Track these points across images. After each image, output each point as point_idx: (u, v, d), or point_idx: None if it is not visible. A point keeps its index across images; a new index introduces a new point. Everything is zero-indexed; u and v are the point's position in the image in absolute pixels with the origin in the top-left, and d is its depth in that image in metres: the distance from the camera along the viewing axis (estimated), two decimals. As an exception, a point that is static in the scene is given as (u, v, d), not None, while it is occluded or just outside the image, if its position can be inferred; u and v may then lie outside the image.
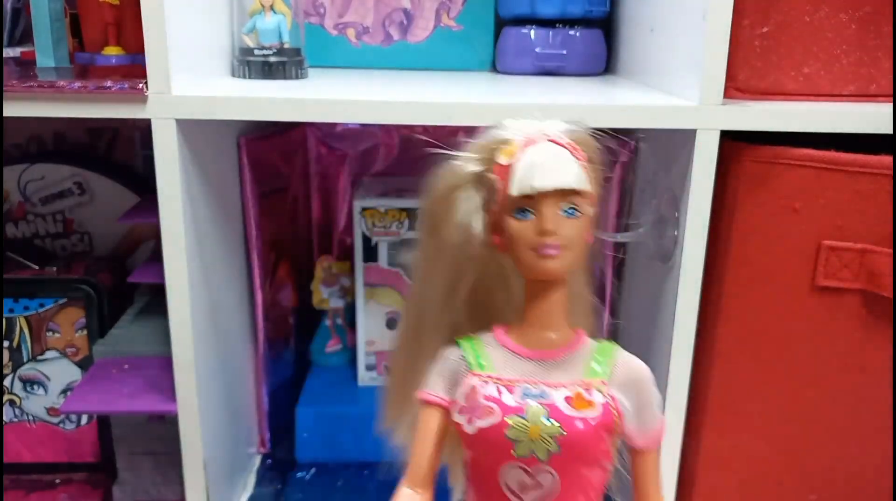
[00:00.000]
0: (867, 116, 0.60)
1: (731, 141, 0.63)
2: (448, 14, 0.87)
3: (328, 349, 0.97)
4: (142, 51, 0.58)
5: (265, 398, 0.89)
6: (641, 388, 0.46)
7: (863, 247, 0.61)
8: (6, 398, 0.86)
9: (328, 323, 0.98)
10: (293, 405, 0.89)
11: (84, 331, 0.84)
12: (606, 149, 0.46)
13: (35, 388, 0.86)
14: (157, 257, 0.64)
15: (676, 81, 0.64)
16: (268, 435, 0.90)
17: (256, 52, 0.70)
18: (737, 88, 0.64)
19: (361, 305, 0.90)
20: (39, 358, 0.86)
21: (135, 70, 0.63)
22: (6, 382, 0.86)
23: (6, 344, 0.85)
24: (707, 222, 0.61)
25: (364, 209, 0.88)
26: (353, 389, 0.93)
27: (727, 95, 0.59)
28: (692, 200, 0.61)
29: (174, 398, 0.66)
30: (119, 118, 0.59)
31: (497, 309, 0.50)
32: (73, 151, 0.98)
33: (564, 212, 0.43)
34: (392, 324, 0.91)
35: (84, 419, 0.87)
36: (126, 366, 0.76)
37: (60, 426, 0.87)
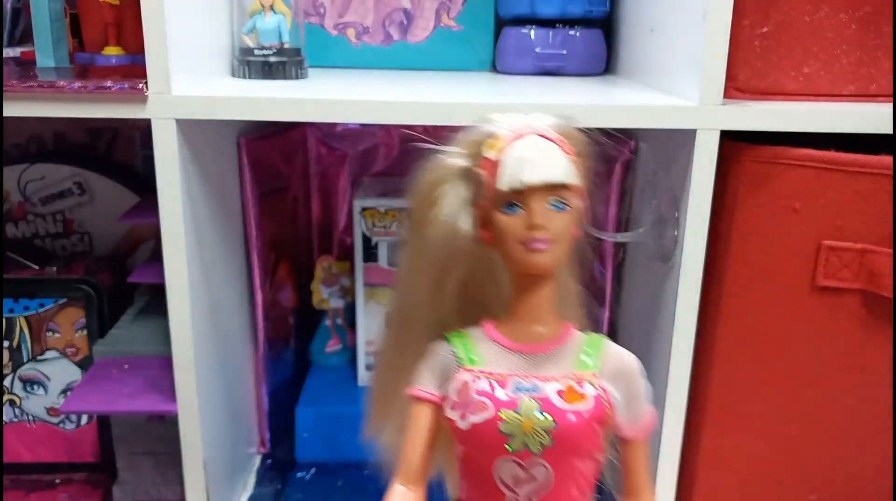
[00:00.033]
0: (867, 116, 0.60)
1: (731, 141, 0.63)
2: (448, 14, 0.87)
3: (328, 349, 0.97)
4: (142, 51, 0.58)
5: (265, 398, 0.89)
6: (631, 379, 0.46)
7: (863, 247, 0.61)
8: (6, 398, 0.86)
9: (328, 323, 0.98)
10: (293, 405, 0.89)
11: (84, 331, 0.84)
12: (597, 145, 0.46)
13: (35, 388, 0.86)
14: (157, 257, 0.64)
15: (676, 81, 0.64)
16: (268, 435, 0.90)
17: (256, 52, 0.70)
18: (737, 88, 0.64)
19: (361, 305, 0.90)
20: (39, 358, 0.86)
21: (135, 70, 0.63)
22: (6, 382, 0.86)
23: (6, 344, 0.85)
24: (707, 222, 0.61)
25: (364, 209, 0.88)
26: (353, 389, 0.93)
27: (727, 95, 0.59)
28: (692, 200, 0.61)
29: (174, 398, 0.66)
30: (119, 118, 0.59)
31: (485, 304, 0.49)
32: (73, 151, 0.98)
33: (553, 206, 0.43)
34: (392, 324, 0.91)
35: (84, 419, 0.87)
36: (126, 366, 0.76)
37: (60, 426, 0.87)
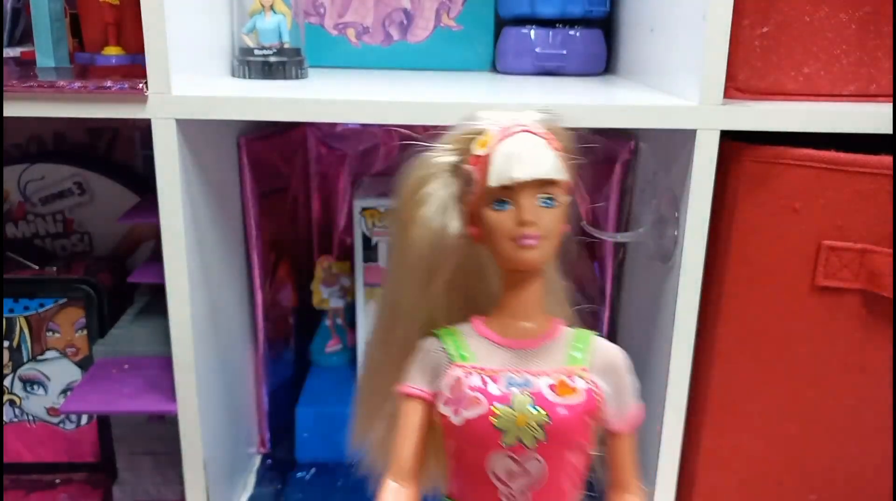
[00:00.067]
0: (867, 116, 0.60)
1: (731, 141, 0.63)
2: (448, 14, 0.87)
3: (328, 349, 0.97)
4: (142, 51, 0.58)
5: (265, 398, 0.89)
6: (619, 374, 0.47)
7: (863, 247, 0.61)
8: (6, 398, 0.86)
9: (328, 323, 0.98)
10: (293, 405, 0.89)
11: (84, 331, 0.84)
12: (589, 143, 0.47)
13: (35, 388, 0.86)
14: (157, 257, 0.64)
15: (676, 81, 0.64)
16: (268, 435, 0.90)
17: (256, 52, 0.70)
18: (737, 88, 0.64)
19: (361, 305, 0.90)
20: (39, 358, 0.86)
21: (135, 70, 0.63)
22: (6, 382, 0.86)
23: (6, 344, 0.85)
24: (707, 222, 0.61)
25: (364, 209, 0.88)
26: (354, 389, 0.92)
27: (727, 95, 0.59)
28: (692, 200, 0.61)
29: (174, 398, 0.66)
30: (119, 118, 0.59)
31: (473, 301, 0.49)
32: (73, 151, 0.98)
33: (542, 202, 0.43)
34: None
35: (84, 419, 0.87)
36: (126, 366, 0.76)
37: (60, 426, 0.87)
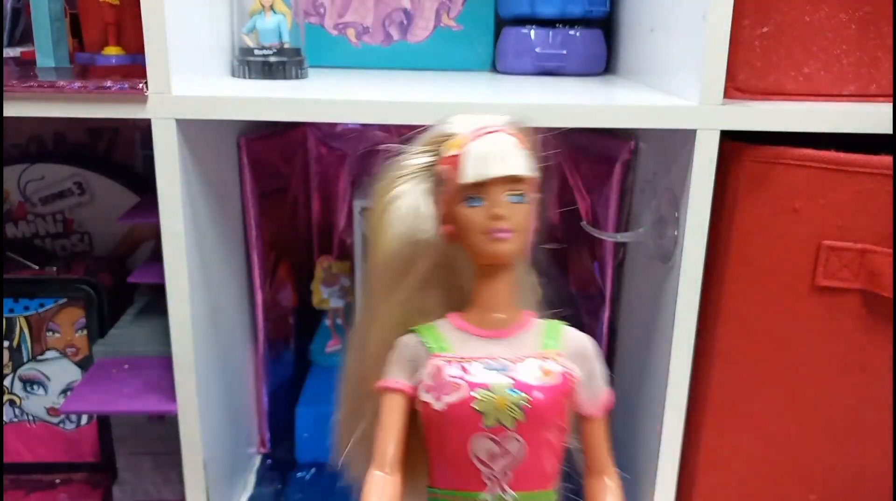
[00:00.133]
0: (867, 116, 0.60)
1: (731, 141, 0.63)
2: (448, 14, 0.87)
3: (328, 349, 0.97)
4: (142, 51, 0.57)
5: (265, 398, 0.89)
6: (589, 359, 0.49)
7: (863, 247, 0.61)
8: (6, 398, 0.86)
9: (328, 323, 0.98)
10: (293, 405, 0.89)
11: (84, 331, 0.84)
12: (546, 141, 0.49)
13: (35, 388, 0.86)
14: (157, 257, 0.64)
15: (676, 81, 0.64)
16: (268, 435, 0.90)
17: (256, 52, 0.70)
18: (737, 88, 0.64)
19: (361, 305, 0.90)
20: (39, 358, 0.86)
21: (135, 70, 0.63)
22: (6, 382, 0.86)
23: (6, 344, 0.85)
24: (707, 222, 0.61)
25: (364, 209, 0.87)
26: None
27: (727, 95, 0.59)
28: (692, 200, 0.61)
29: (174, 398, 0.66)
30: (119, 118, 0.59)
31: (448, 300, 0.51)
32: (73, 151, 0.98)
33: (512, 198, 0.45)
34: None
35: (84, 419, 0.87)
36: (126, 366, 0.76)
37: (60, 426, 0.87)
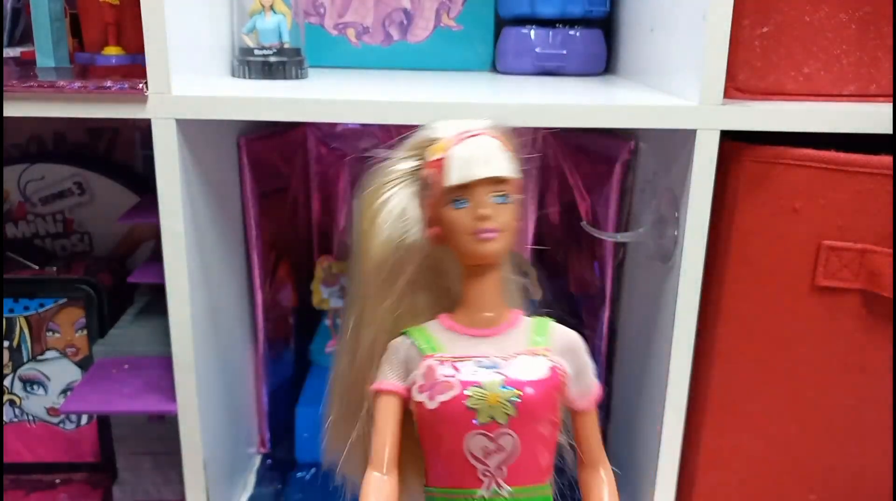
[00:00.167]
0: (867, 116, 0.60)
1: (731, 141, 0.63)
2: (448, 14, 0.87)
3: (328, 349, 0.97)
4: (142, 51, 0.57)
5: (265, 398, 0.89)
6: (578, 354, 0.50)
7: (863, 247, 0.61)
8: (6, 398, 0.86)
9: (328, 323, 0.98)
10: (293, 405, 0.89)
11: (84, 331, 0.84)
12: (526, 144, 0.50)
13: (35, 388, 0.86)
14: (157, 257, 0.64)
15: (676, 81, 0.64)
16: (268, 435, 0.90)
17: (256, 52, 0.70)
18: (737, 88, 0.64)
19: (361, 305, 0.90)
20: (39, 358, 0.86)
21: (135, 70, 0.63)
22: (6, 382, 0.86)
23: (6, 344, 0.85)
24: (707, 222, 0.61)
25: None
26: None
27: (727, 95, 0.59)
28: (692, 200, 0.61)
29: (174, 398, 0.66)
30: (119, 118, 0.59)
31: (436, 302, 0.52)
32: (73, 151, 0.98)
33: (496, 199, 0.46)
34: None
35: (84, 419, 0.87)
36: (126, 366, 0.76)
37: (60, 426, 0.87)
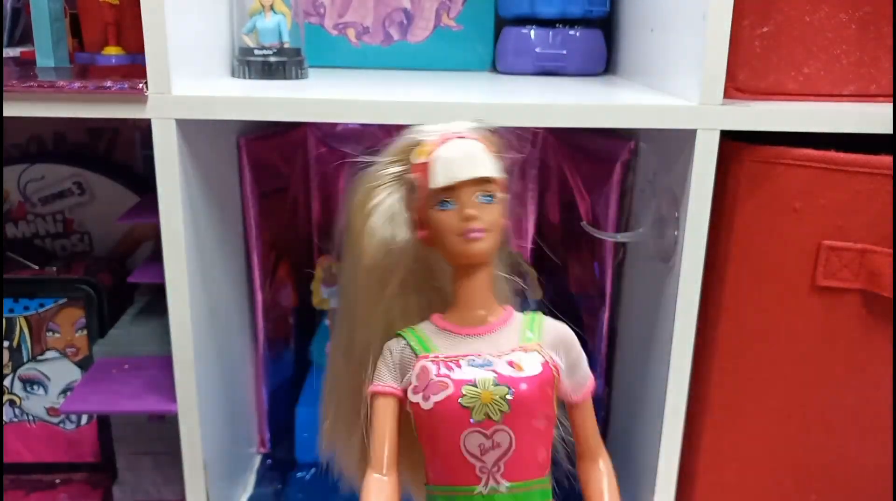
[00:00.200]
0: (867, 116, 0.60)
1: (731, 141, 0.63)
2: (448, 14, 0.87)
3: (328, 349, 0.97)
4: (142, 51, 0.57)
5: (265, 398, 0.89)
6: (570, 347, 0.50)
7: (863, 247, 0.61)
8: (6, 398, 0.86)
9: (328, 323, 0.98)
10: (293, 405, 0.89)
11: (84, 331, 0.84)
12: (513, 142, 0.50)
13: (35, 388, 0.86)
14: (157, 257, 0.64)
15: (676, 81, 0.64)
16: (268, 435, 0.90)
17: (256, 52, 0.70)
18: (737, 88, 0.64)
19: (361, 305, 0.90)
20: (39, 358, 0.86)
21: (135, 70, 0.63)
22: (6, 382, 0.86)
23: (6, 344, 0.85)
24: (707, 222, 0.61)
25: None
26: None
27: (727, 95, 0.59)
28: (692, 200, 0.61)
29: (174, 398, 0.66)
30: (119, 118, 0.59)
31: (426, 303, 0.53)
32: (73, 151, 0.98)
33: (482, 199, 0.47)
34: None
35: (84, 419, 0.87)
36: (126, 366, 0.76)
37: (60, 426, 0.87)
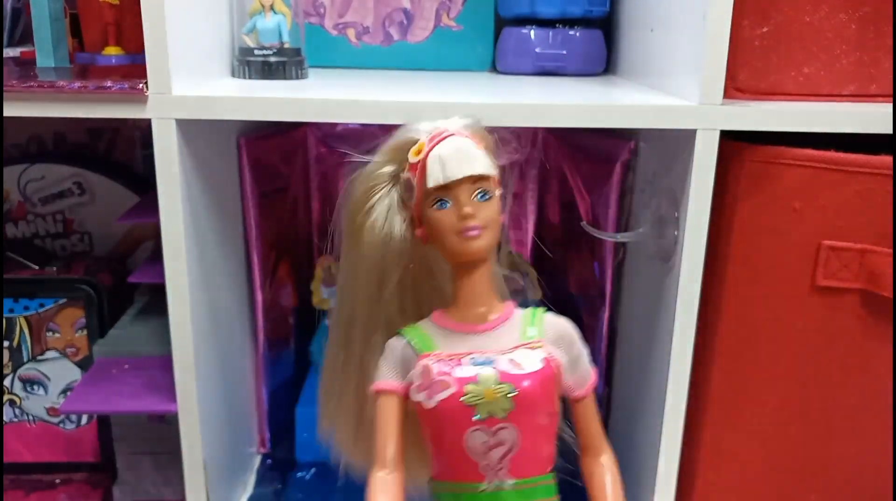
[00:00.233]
0: (867, 116, 0.60)
1: (731, 141, 0.63)
2: (448, 14, 0.87)
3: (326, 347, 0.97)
4: (142, 51, 0.57)
5: (265, 398, 0.89)
6: (571, 342, 0.51)
7: (863, 247, 0.61)
8: (6, 398, 0.86)
9: (328, 323, 0.98)
10: (293, 405, 0.89)
11: (84, 331, 0.84)
12: (510, 139, 0.51)
13: (35, 388, 0.86)
14: (157, 257, 0.64)
15: (676, 81, 0.64)
16: (268, 435, 0.90)
17: (256, 52, 0.70)
18: (737, 88, 0.64)
19: (361, 305, 0.90)
20: (39, 358, 0.86)
21: (135, 70, 0.63)
22: (6, 382, 0.86)
23: (6, 344, 0.85)
24: (707, 222, 0.61)
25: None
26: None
27: (727, 95, 0.59)
28: (692, 200, 0.61)
29: (174, 398, 0.66)
30: (119, 118, 0.59)
31: (425, 299, 0.53)
32: (73, 151, 0.98)
33: (478, 197, 0.47)
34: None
35: (84, 419, 0.87)
36: (126, 366, 0.76)
37: (60, 426, 0.87)
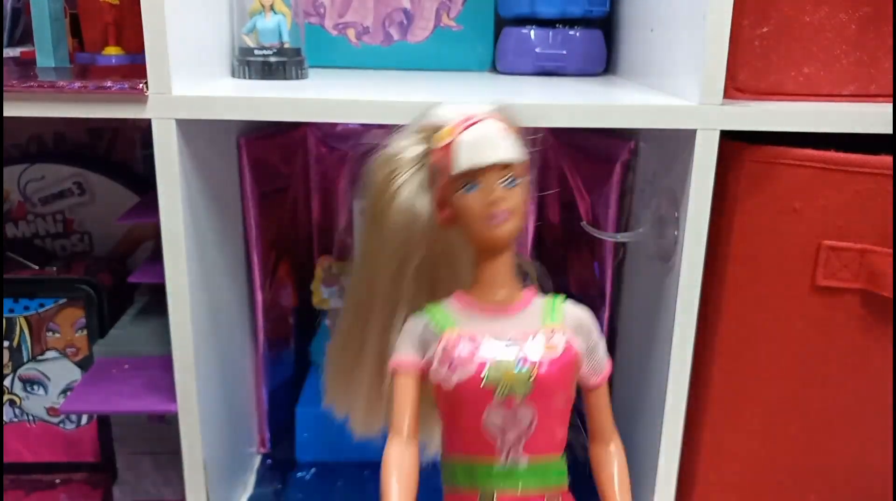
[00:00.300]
0: (867, 116, 0.60)
1: (731, 141, 0.63)
2: (448, 14, 0.87)
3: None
4: (142, 51, 0.57)
5: (265, 398, 0.89)
6: (589, 331, 0.52)
7: (863, 247, 0.61)
8: (6, 398, 0.86)
9: (328, 323, 0.98)
10: (293, 405, 0.89)
11: (84, 331, 0.84)
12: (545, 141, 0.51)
13: (35, 388, 0.86)
14: (157, 257, 0.64)
15: (676, 81, 0.64)
16: (268, 435, 0.90)
17: (256, 53, 0.70)
18: (737, 88, 0.64)
19: (361, 305, 0.90)
20: (39, 358, 0.86)
21: (135, 70, 0.63)
22: (6, 382, 0.86)
23: (6, 344, 0.85)
24: (707, 222, 0.61)
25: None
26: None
27: (727, 95, 0.59)
28: (692, 200, 0.61)
29: (174, 398, 0.66)
30: (119, 118, 0.59)
31: (441, 283, 0.53)
32: (73, 151, 0.98)
33: (505, 182, 0.47)
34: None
35: (84, 419, 0.87)
36: (126, 366, 0.76)
37: (60, 426, 0.87)
